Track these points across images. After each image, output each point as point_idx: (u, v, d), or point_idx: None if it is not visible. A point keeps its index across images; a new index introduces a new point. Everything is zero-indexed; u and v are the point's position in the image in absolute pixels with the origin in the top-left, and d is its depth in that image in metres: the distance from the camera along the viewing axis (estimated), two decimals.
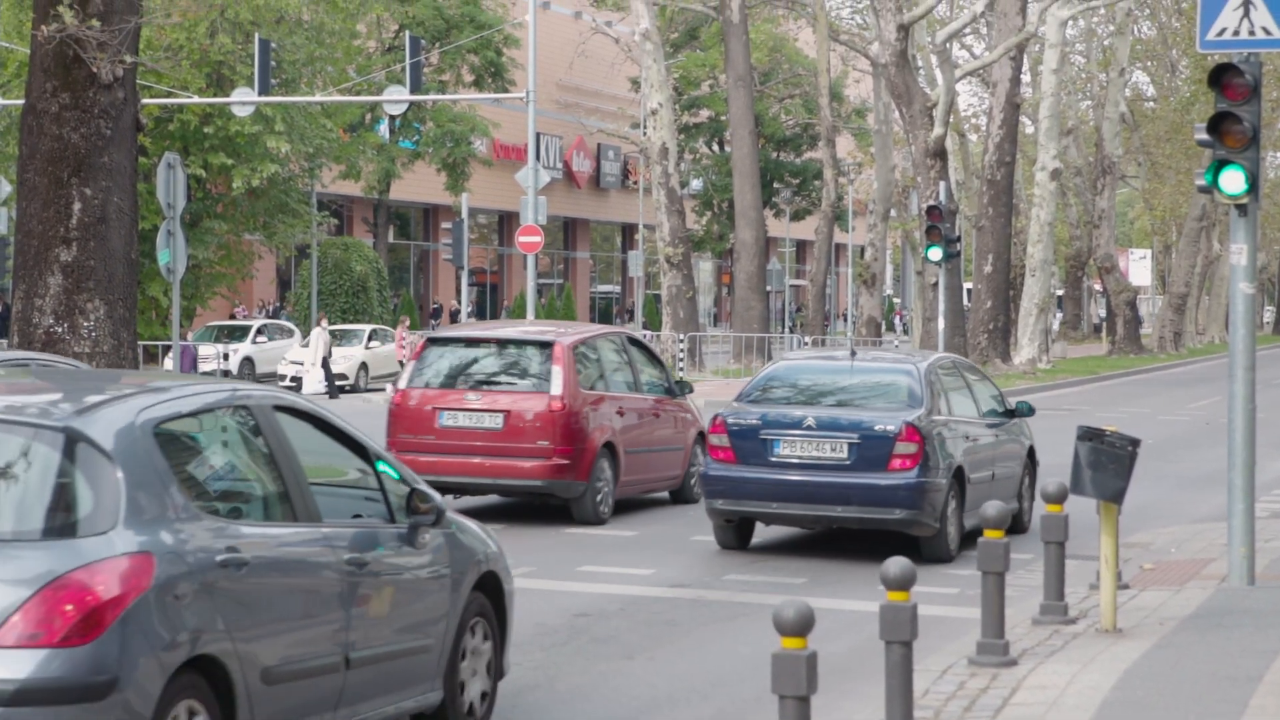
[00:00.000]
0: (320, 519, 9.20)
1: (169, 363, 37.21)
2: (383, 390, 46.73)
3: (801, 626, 8.00)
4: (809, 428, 17.78)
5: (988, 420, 19.48)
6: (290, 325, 53.58)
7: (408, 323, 53.59)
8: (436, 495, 10.04)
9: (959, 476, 18.05)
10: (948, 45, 58.90)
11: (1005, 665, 11.75)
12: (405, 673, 9.67)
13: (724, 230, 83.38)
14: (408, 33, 50.79)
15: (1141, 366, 65.46)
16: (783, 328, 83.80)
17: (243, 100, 44.63)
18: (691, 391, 24.33)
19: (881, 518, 17.61)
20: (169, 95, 46.32)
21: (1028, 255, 58.13)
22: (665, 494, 22.74)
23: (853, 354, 19.17)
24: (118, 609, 7.60)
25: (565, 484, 20.10)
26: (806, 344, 57.93)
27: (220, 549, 8.26)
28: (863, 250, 69.00)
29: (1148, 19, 77.71)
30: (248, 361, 48.89)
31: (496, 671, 10.63)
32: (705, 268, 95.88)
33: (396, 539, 9.72)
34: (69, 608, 7.50)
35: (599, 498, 20.45)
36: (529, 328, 23.67)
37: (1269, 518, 20.22)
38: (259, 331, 50.46)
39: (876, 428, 17.64)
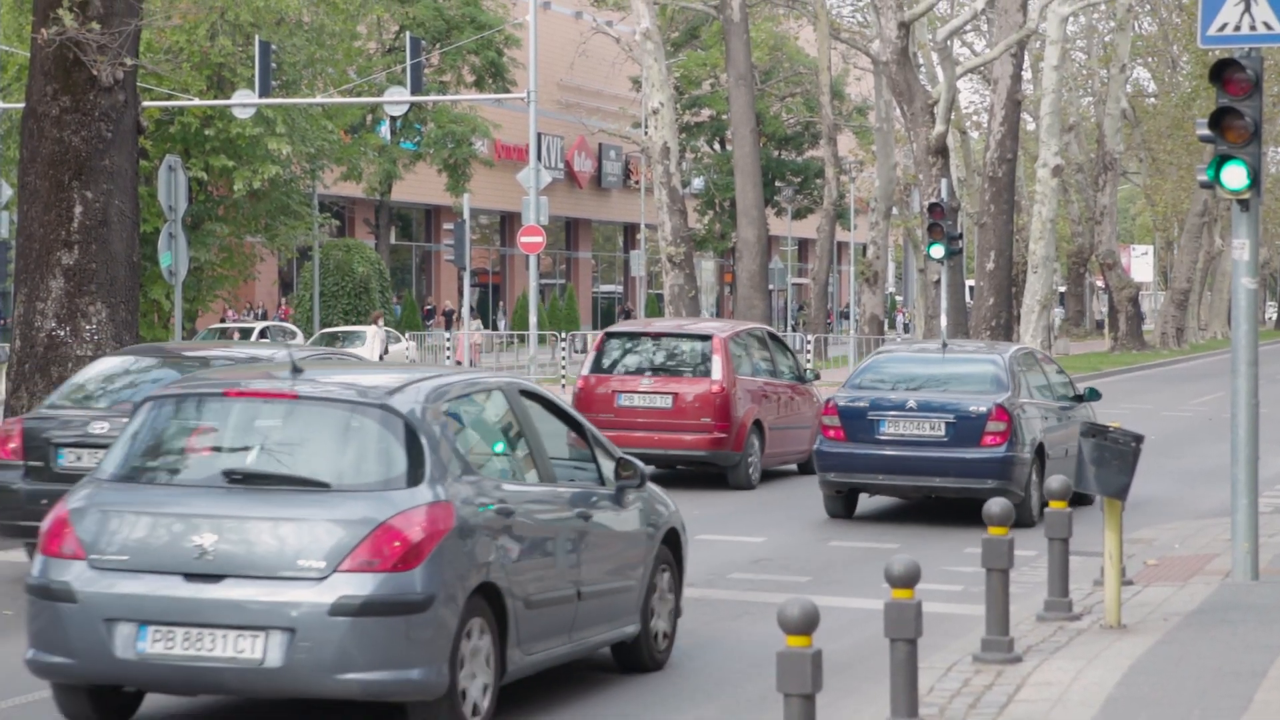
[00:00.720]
0: (556, 481, 11.61)
1: None
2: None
3: (806, 625, 8.00)
4: (910, 409, 20.62)
5: (1060, 403, 22.20)
6: (293, 328, 53.57)
7: (383, 314, 53.81)
8: (640, 464, 12.29)
9: (1040, 452, 20.72)
10: (949, 42, 58.88)
11: (1010, 662, 11.74)
12: (616, 607, 11.95)
13: (726, 229, 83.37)
14: (408, 34, 50.77)
15: (1144, 362, 65.46)
16: (785, 326, 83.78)
17: (243, 102, 44.62)
18: (818, 378, 28.82)
19: (975, 488, 20.00)
20: (170, 98, 46.32)
21: (1030, 252, 58.09)
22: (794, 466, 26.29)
23: (944, 346, 22.78)
24: (431, 544, 9.96)
25: (724, 455, 23.96)
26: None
27: (494, 501, 10.67)
28: (865, 248, 69.01)
29: (1148, 15, 77.69)
30: None
31: (675, 611, 12.83)
32: (707, 267, 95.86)
33: (609, 499, 12.03)
34: (396, 543, 9.86)
35: (750, 467, 24.33)
36: (690, 324, 28.41)
37: (1272, 513, 20.21)
38: (261, 334, 50.42)
39: (970, 409, 20.43)
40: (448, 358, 47.04)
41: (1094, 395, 23.01)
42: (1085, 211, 78.36)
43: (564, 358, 49.43)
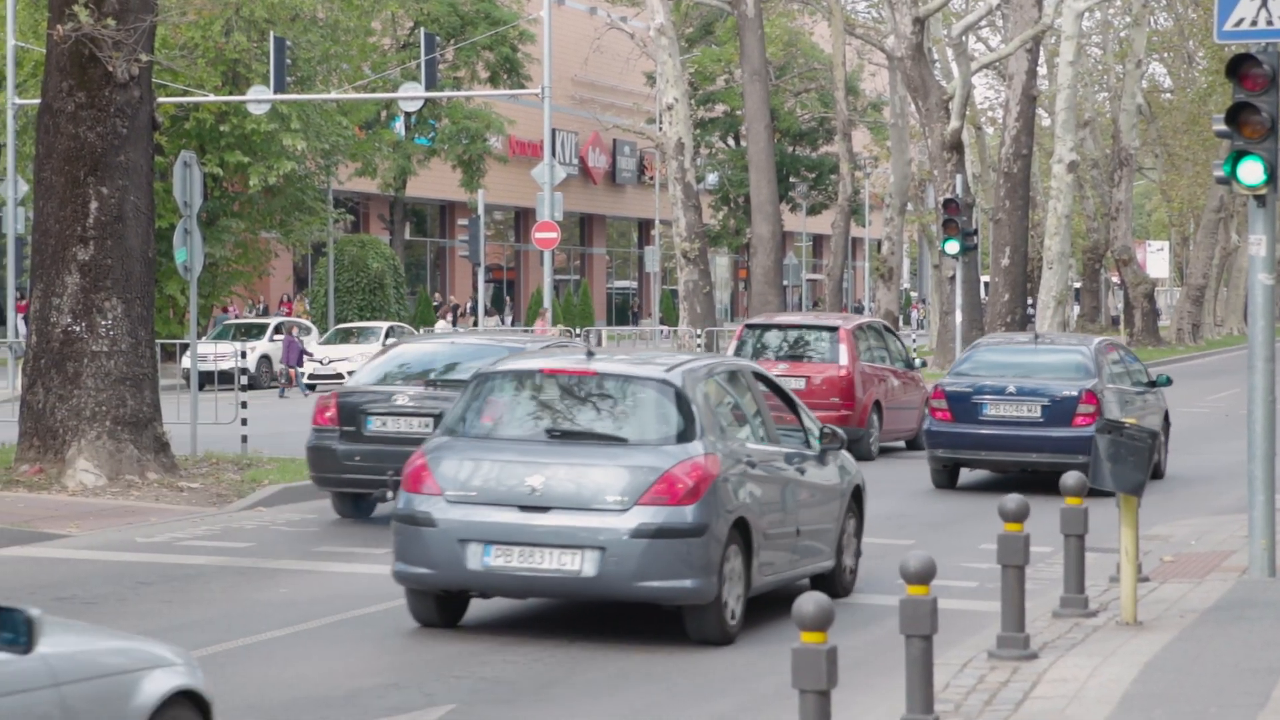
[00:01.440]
0: (779, 443, 14.57)
1: (186, 361, 37.20)
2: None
3: (821, 621, 7.98)
4: (1010, 394, 23.59)
5: (1136, 388, 24.96)
6: (308, 323, 53.58)
7: (549, 315, 54.01)
8: (841, 432, 15.37)
9: None
10: (963, 38, 58.82)
11: (1026, 658, 11.72)
12: (820, 545, 14.85)
13: (740, 225, 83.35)
14: (423, 30, 50.81)
15: (1159, 359, 65.33)
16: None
17: (258, 98, 44.65)
18: (925, 365, 33.50)
19: (1066, 463, 21.78)
20: (185, 94, 46.36)
21: (1045, 248, 58.02)
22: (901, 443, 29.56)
23: (1036, 338, 26.34)
24: (704, 487, 12.93)
25: (850, 430, 24.73)
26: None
27: (743, 455, 13.73)
28: (879, 244, 68.97)
29: (1164, 10, 77.56)
30: (265, 359, 48.87)
31: (857, 551, 15.71)
32: (722, 263, 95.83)
33: (815, 459, 14.93)
34: (679, 485, 12.88)
35: (871, 441, 27.71)
36: (819, 316, 33.33)
37: None
38: (276, 329, 50.43)
39: (1062, 393, 23.36)
40: None
41: (1166, 381, 26.08)
42: (1101, 207, 78.25)
43: None
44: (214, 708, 7.81)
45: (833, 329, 28.56)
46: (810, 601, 8.01)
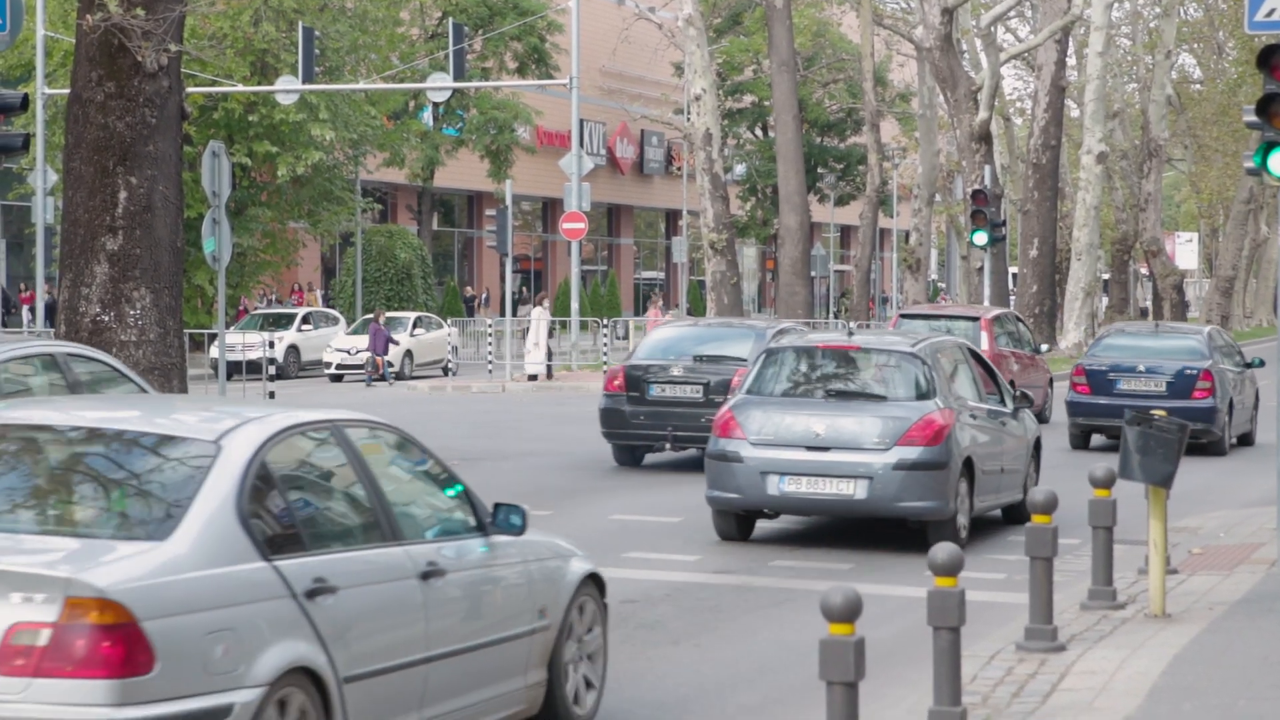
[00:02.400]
0: (986, 402, 18.87)
1: (214, 351, 37.25)
2: (429, 378, 46.79)
3: (849, 612, 7.98)
4: (1139, 371, 28.20)
5: (1236, 369, 29.07)
6: (335, 313, 53.66)
7: (660, 303, 54.40)
8: (1030, 394, 20.78)
9: (1230, 404, 28.11)
10: (992, 29, 58.70)
11: (1054, 650, 11.70)
12: (1015, 482, 19.08)
13: (768, 216, 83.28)
14: (451, 20, 50.83)
15: None
16: (827, 313, 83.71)
17: (287, 89, 44.71)
18: (1049, 349, 38.83)
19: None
20: (213, 84, 46.43)
21: (1073, 239, 57.93)
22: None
23: (1156, 326, 31.77)
24: (945, 432, 17.10)
25: None
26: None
27: (967, 410, 17.96)
28: (907, 235, 68.91)
29: (1194, 1, 77.33)
30: (293, 349, 48.94)
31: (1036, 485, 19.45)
32: (749, 253, 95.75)
33: (1010, 415, 19.21)
34: (927, 431, 17.06)
35: None
36: (962, 308, 37.51)
37: None
38: (304, 319, 50.53)
39: (1185, 371, 27.81)
40: (490, 344, 47.07)
41: (1259, 363, 30.17)
42: (1129, 198, 78.07)
43: (605, 344, 49.39)
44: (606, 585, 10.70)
45: (975, 319, 32.06)
46: (838, 594, 8.01)
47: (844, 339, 18.52)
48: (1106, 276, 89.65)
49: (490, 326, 49.36)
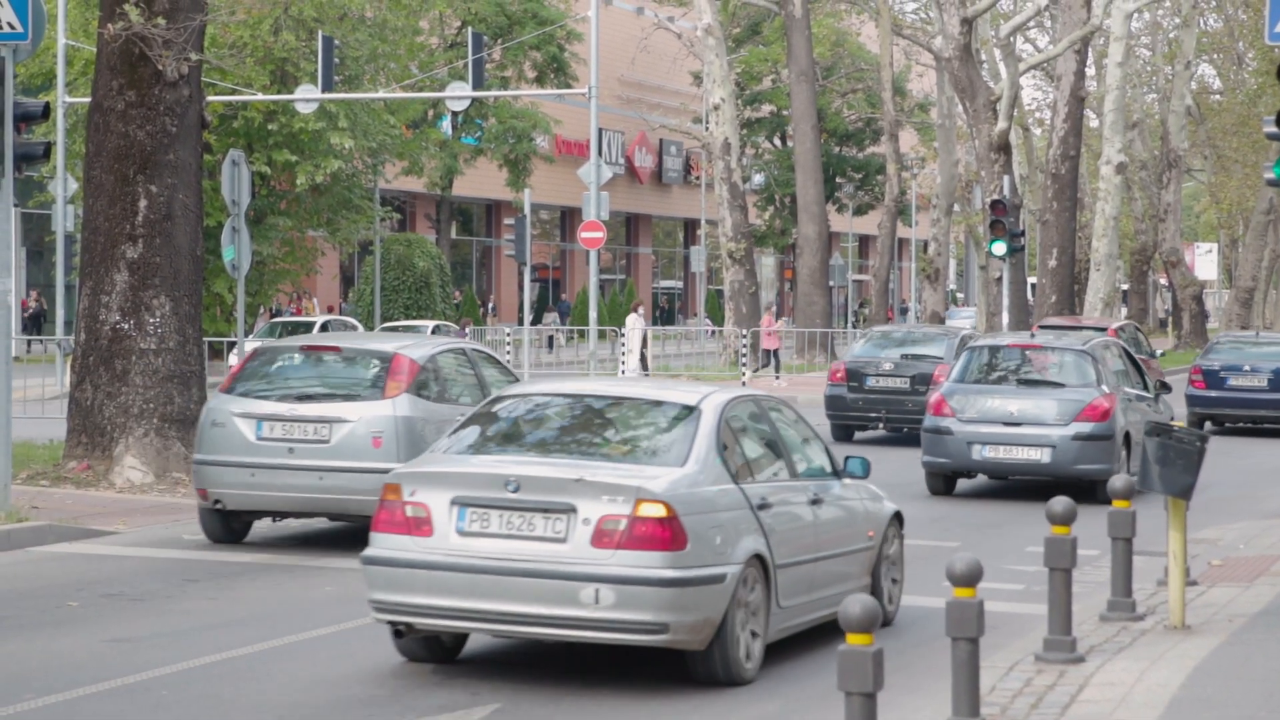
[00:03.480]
0: (1135, 388, 24.00)
1: (233, 359, 37.29)
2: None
3: (868, 622, 7.98)
4: (1246, 370, 34.01)
5: None
6: (354, 321, 53.70)
7: (774, 310, 54.48)
8: (1168, 382, 25.89)
9: None
10: (1011, 39, 58.67)
11: (1072, 662, 11.68)
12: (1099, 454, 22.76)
13: (786, 225, 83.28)
14: (470, 29, 50.86)
15: None
16: (845, 323, 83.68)
17: (306, 98, 44.76)
18: (1162, 354, 43.45)
19: None
20: (233, 93, 46.52)
21: (1092, 250, 57.81)
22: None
23: (1257, 333, 38.28)
24: (1111, 411, 22.25)
25: None
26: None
27: (1124, 394, 22.94)
28: (926, 245, 68.86)
29: (1214, 11, 77.19)
30: None
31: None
32: (768, 263, 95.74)
33: (1153, 399, 24.26)
34: (1097, 410, 22.14)
35: None
36: (1090, 320, 40.21)
37: None
38: (323, 328, 50.55)
39: None
40: (508, 353, 47.12)
41: None
42: (1149, 209, 77.94)
43: (623, 353, 49.39)
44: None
45: (1103, 329, 34.35)
46: (856, 604, 8.00)
47: (1028, 339, 24.70)
48: (1125, 287, 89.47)
49: (509, 335, 49.38)
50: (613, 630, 11.31)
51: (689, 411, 12.14)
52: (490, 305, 75.33)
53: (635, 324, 45.42)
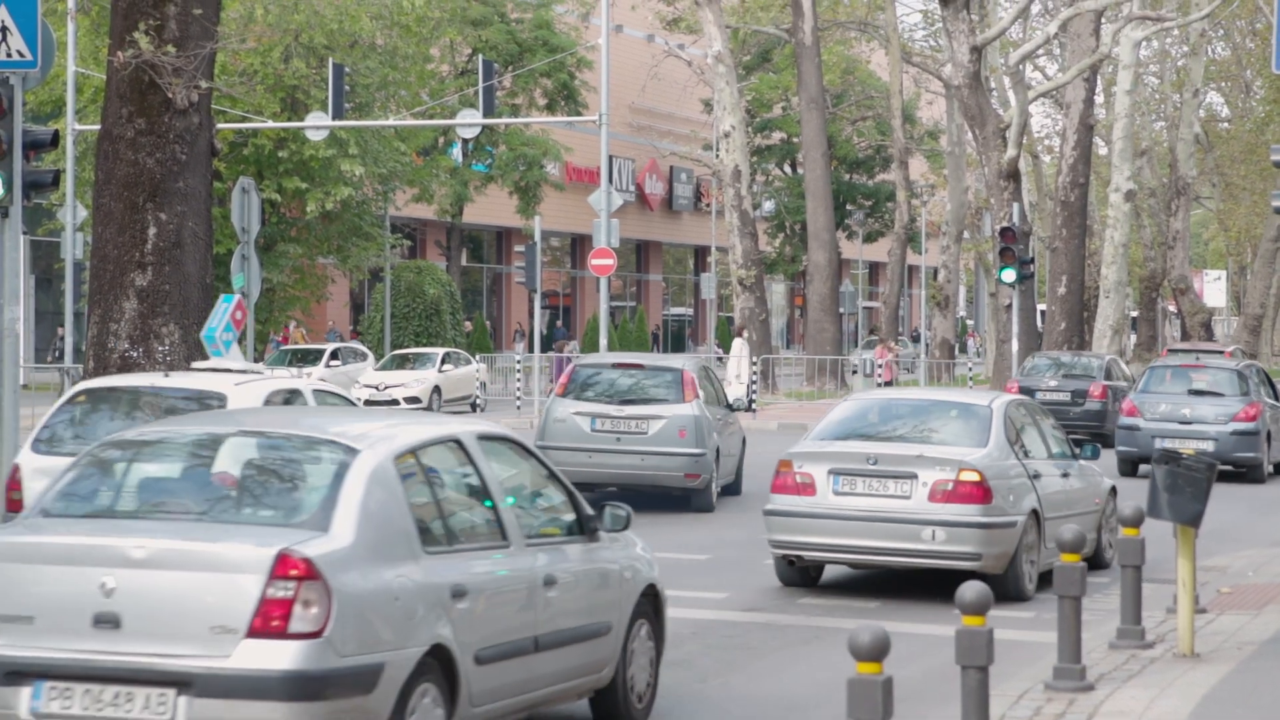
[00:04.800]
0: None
1: None
2: (457, 414, 46.77)
3: (877, 651, 7.96)
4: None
5: None
6: (363, 349, 53.72)
7: (892, 342, 54.64)
8: None
9: None
10: (1021, 67, 58.66)
11: (1082, 690, 11.66)
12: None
13: (796, 252, 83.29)
14: (481, 56, 51.00)
15: None
16: (856, 349, 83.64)
17: (317, 125, 44.84)
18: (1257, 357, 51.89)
19: None
20: (243, 120, 46.59)
21: (1102, 277, 57.82)
22: None
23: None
24: (1258, 415, 30.10)
25: None
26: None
27: (1266, 403, 30.59)
28: (936, 272, 68.80)
29: (1221, 40, 77.26)
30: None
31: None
32: (778, 290, 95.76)
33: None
34: (1249, 413, 29.95)
35: None
36: (1213, 346, 46.31)
37: None
38: (333, 355, 50.57)
39: None
40: (519, 380, 47.16)
41: None
42: (1157, 236, 77.94)
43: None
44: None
45: (1220, 352, 41.05)
46: (865, 632, 7.99)
47: (1194, 360, 32.69)
48: (1135, 314, 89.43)
49: (519, 362, 49.37)
50: (943, 559, 16.30)
51: (986, 409, 17.19)
52: (517, 330, 75.32)
53: (741, 350, 45.38)
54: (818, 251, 55.49)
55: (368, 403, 46.91)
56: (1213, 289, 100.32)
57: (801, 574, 17.39)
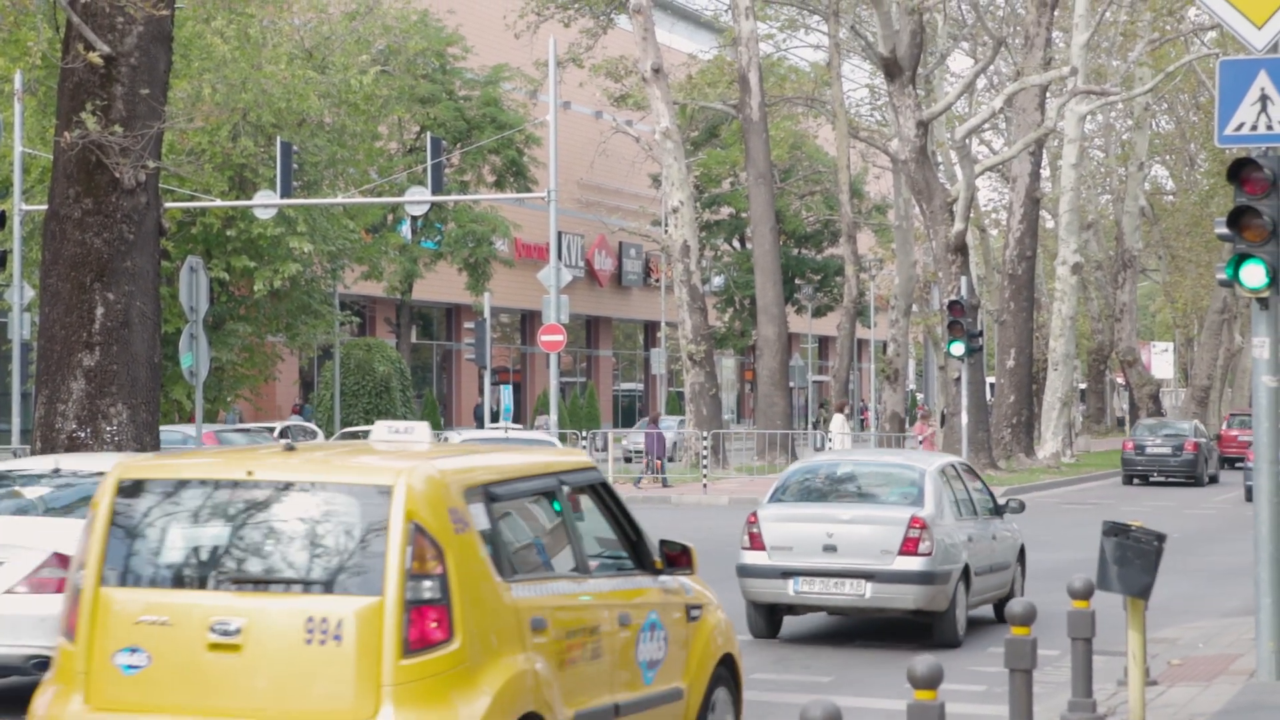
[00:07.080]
0: None
1: None
2: None
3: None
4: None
5: None
6: (313, 426, 53.57)
7: (934, 418, 54.87)
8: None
9: None
10: (967, 141, 59.09)
11: None
12: None
13: (746, 327, 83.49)
14: (429, 134, 51.07)
15: None
16: (806, 424, 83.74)
17: (265, 203, 44.81)
18: None
19: None
20: (192, 199, 46.54)
21: (1050, 349, 58.13)
22: None
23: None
24: None
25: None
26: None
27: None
28: (885, 345, 69.08)
29: (1166, 114, 77.95)
30: None
31: None
32: (728, 364, 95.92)
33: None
34: None
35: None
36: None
37: None
38: (281, 434, 50.39)
39: None
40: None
41: None
42: (1105, 308, 78.40)
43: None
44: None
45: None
46: (817, 708, 7.98)
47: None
48: (1083, 386, 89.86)
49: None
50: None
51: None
52: (476, 408, 75.20)
53: (842, 426, 45.29)
54: (767, 326, 55.63)
55: None
56: (1160, 361, 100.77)
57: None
